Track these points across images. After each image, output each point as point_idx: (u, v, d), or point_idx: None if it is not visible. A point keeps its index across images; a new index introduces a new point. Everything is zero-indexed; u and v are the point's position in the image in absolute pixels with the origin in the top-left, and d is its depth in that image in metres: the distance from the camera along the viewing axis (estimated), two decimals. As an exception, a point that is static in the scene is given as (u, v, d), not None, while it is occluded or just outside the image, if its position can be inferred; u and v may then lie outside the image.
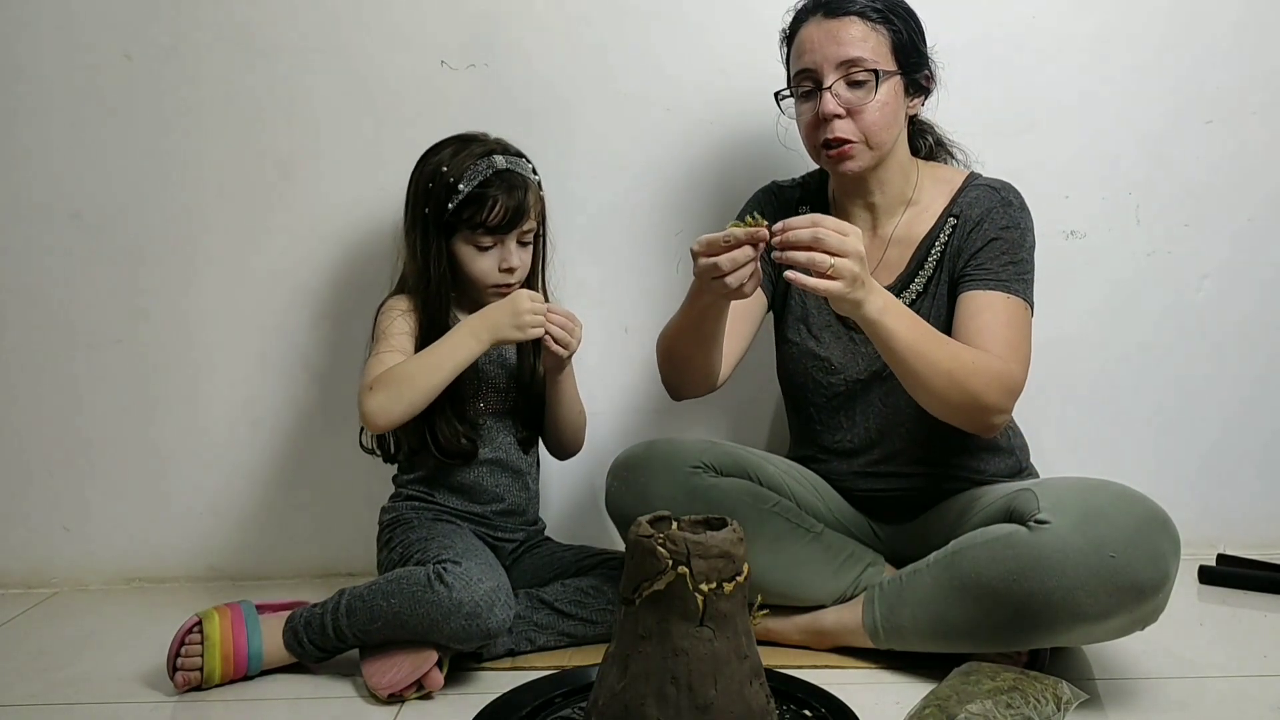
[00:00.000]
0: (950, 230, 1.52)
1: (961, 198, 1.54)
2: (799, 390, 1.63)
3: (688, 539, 1.05)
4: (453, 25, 1.86)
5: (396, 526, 1.60)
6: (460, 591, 1.39)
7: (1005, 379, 1.39)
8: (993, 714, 1.19)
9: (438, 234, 1.58)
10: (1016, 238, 1.49)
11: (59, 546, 1.95)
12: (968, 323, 1.44)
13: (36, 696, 1.47)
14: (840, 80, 1.46)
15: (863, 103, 1.46)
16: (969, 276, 1.48)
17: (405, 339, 1.58)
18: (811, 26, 1.49)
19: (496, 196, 1.55)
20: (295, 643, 1.47)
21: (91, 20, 1.85)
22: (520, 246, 1.60)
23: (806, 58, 1.48)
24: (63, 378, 1.92)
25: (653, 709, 1.04)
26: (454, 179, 1.55)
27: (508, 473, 1.66)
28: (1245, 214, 1.88)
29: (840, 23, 1.47)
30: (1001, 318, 1.44)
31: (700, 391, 1.55)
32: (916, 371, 1.36)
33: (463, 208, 1.55)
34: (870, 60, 1.46)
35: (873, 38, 1.47)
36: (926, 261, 1.53)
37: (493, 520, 1.64)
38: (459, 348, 1.51)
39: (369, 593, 1.44)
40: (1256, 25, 1.84)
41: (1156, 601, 1.29)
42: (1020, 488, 1.41)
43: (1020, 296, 1.46)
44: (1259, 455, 1.92)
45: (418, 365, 1.52)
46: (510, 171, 1.57)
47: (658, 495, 1.43)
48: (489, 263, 1.59)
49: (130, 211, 1.89)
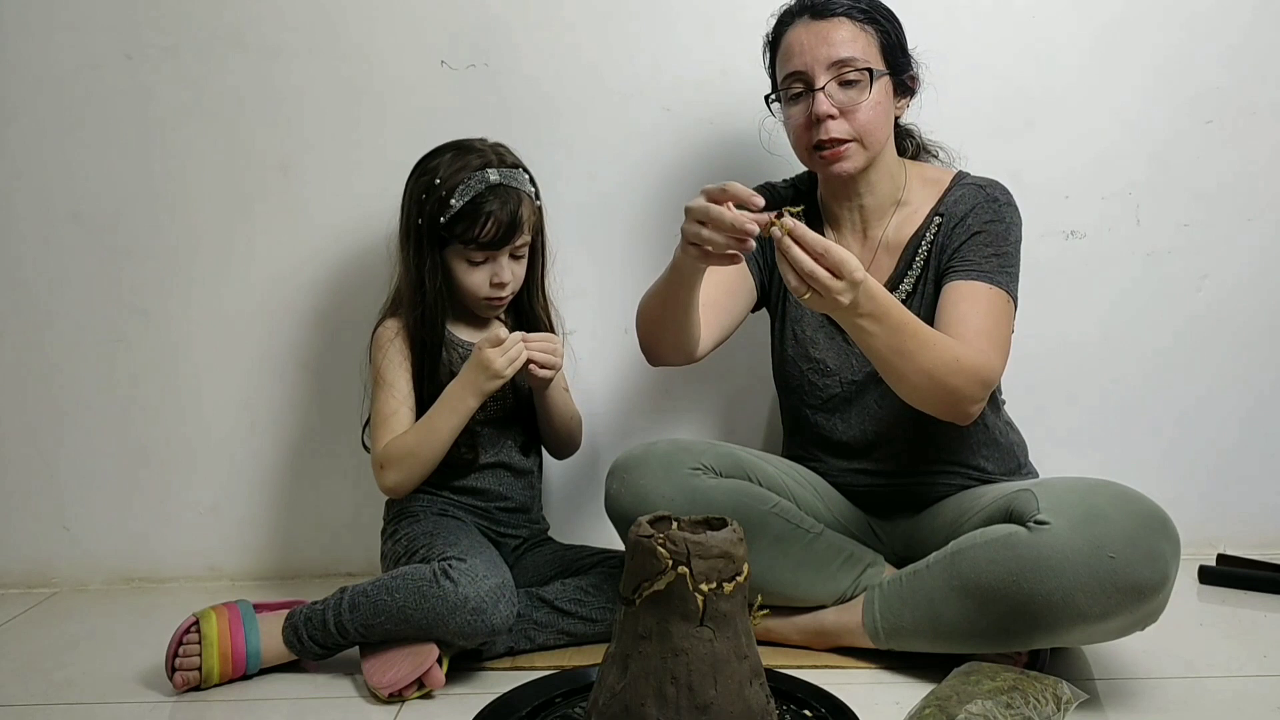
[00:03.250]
0: (936, 229, 1.52)
1: (948, 196, 1.54)
2: (795, 392, 1.63)
3: (688, 539, 1.05)
4: (453, 25, 1.86)
5: (402, 519, 1.61)
6: (465, 588, 1.39)
7: (984, 372, 1.38)
8: (993, 714, 1.19)
9: (431, 247, 1.58)
10: (1001, 231, 1.49)
11: (59, 546, 1.95)
12: (948, 311, 1.44)
13: (36, 696, 1.47)
14: (832, 81, 1.46)
15: (856, 103, 1.46)
16: (953, 268, 1.48)
17: (402, 378, 1.60)
18: (799, 29, 1.49)
19: (489, 213, 1.55)
20: (295, 639, 1.47)
21: (91, 20, 1.85)
22: (513, 260, 1.61)
23: (796, 60, 1.48)
24: (63, 377, 1.92)
25: (653, 709, 1.04)
26: (447, 193, 1.55)
27: (511, 473, 1.67)
28: (1245, 214, 1.88)
29: (829, 24, 1.47)
30: (981, 307, 1.43)
31: (677, 359, 1.54)
32: (896, 369, 1.35)
33: (455, 222, 1.56)
34: (862, 59, 1.46)
35: (862, 38, 1.48)
36: (914, 261, 1.54)
37: (497, 516, 1.65)
38: (452, 413, 1.54)
39: (373, 588, 1.44)
40: (1257, 25, 1.84)
41: (1156, 602, 1.29)
42: (1020, 488, 1.41)
43: (1002, 288, 1.46)
44: (1259, 455, 1.92)
45: (418, 437, 1.56)
46: (504, 186, 1.56)
47: (657, 496, 1.43)
48: (480, 277, 1.59)
49: (130, 211, 1.89)
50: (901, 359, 1.34)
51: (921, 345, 1.35)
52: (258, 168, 1.88)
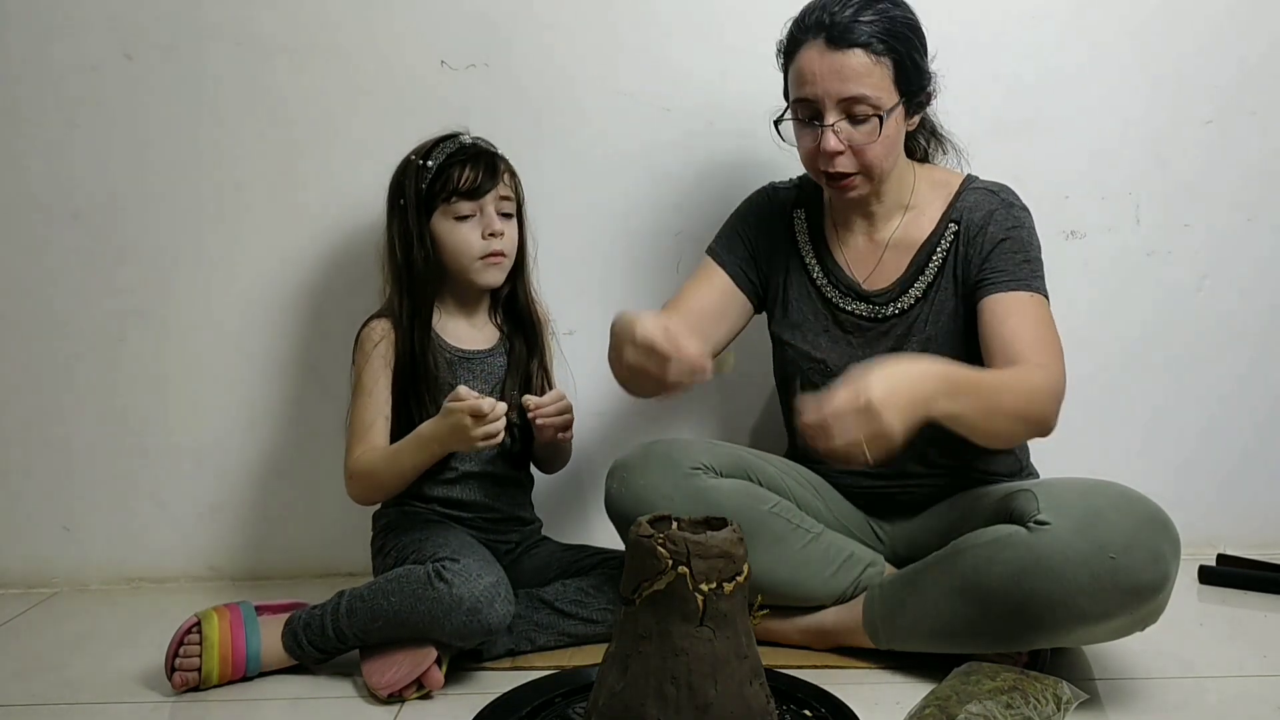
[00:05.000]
0: (952, 237, 1.51)
1: (960, 202, 1.53)
2: (795, 393, 1.62)
3: (688, 539, 1.05)
4: (453, 25, 1.86)
5: (389, 532, 1.61)
6: (460, 588, 1.39)
7: (1056, 388, 1.36)
8: (993, 714, 1.19)
9: (417, 217, 1.58)
10: (1025, 236, 1.49)
11: (59, 546, 1.95)
12: (998, 329, 1.42)
13: (36, 696, 1.47)
14: (842, 118, 1.43)
15: (866, 142, 1.44)
16: (987, 280, 1.46)
17: (382, 385, 1.59)
18: (813, 53, 1.43)
19: (465, 162, 1.58)
20: (295, 645, 1.46)
21: (91, 20, 1.85)
22: (503, 218, 1.60)
23: (808, 88, 1.44)
24: (63, 377, 1.92)
25: (653, 709, 1.04)
26: (423, 160, 1.59)
27: (495, 483, 1.65)
28: (1245, 214, 1.88)
29: (844, 55, 1.41)
30: (1030, 317, 1.43)
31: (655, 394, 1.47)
32: (989, 429, 1.32)
33: (434, 182, 1.57)
34: (873, 97, 1.41)
35: (876, 72, 1.42)
36: (927, 267, 1.52)
37: (483, 525, 1.64)
38: (420, 451, 1.51)
39: (369, 593, 1.44)
40: (1257, 25, 1.84)
41: (1157, 603, 1.30)
42: (1020, 488, 1.41)
43: (1040, 292, 1.46)
44: (1259, 454, 1.92)
45: (384, 462, 1.54)
46: (477, 145, 1.61)
47: (657, 496, 1.43)
48: (472, 233, 1.58)
49: (130, 211, 1.89)
50: (990, 418, 1.31)
51: (997, 395, 1.31)
52: (258, 168, 1.88)
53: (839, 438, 1.18)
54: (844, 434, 1.18)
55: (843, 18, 1.41)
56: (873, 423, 1.17)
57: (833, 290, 1.57)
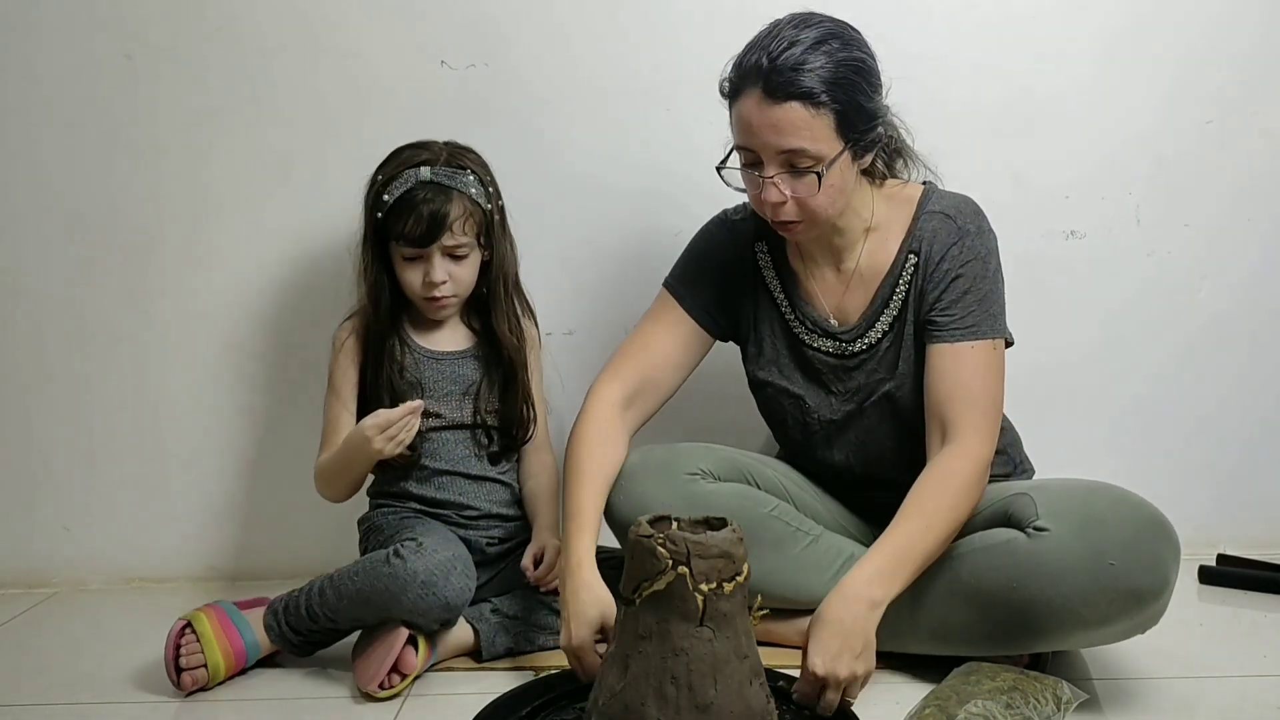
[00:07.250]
0: (912, 269, 1.46)
1: (919, 229, 1.46)
2: (779, 425, 1.61)
3: (688, 539, 1.05)
4: (453, 25, 1.85)
5: (371, 534, 1.63)
6: (414, 563, 1.40)
7: (981, 462, 1.37)
8: (993, 714, 1.19)
9: (378, 243, 1.59)
10: (978, 270, 1.43)
11: (59, 546, 1.95)
12: (937, 384, 1.41)
13: (36, 696, 1.47)
14: (782, 172, 1.36)
15: (808, 194, 1.37)
16: (935, 325, 1.43)
17: (348, 385, 1.62)
18: (750, 102, 1.35)
19: (414, 209, 1.54)
20: (275, 624, 1.49)
21: (91, 20, 1.85)
22: (450, 260, 1.57)
23: (746, 137, 1.37)
24: (63, 377, 1.92)
25: (653, 709, 1.04)
26: (382, 188, 1.57)
27: (471, 481, 1.64)
28: (1245, 214, 1.88)
29: (781, 109, 1.32)
30: (969, 372, 1.40)
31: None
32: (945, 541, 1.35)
33: (388, 217, 1.56)
34: (813, 150, 1.33)
35: (815, 124, 1.33)
36: (891, 301, 1.48)
37: (461, 522, 1.63)
38: (353, 462, 1.55)
39: (338, 574, 1.48)
40: (1257, 25, 1.84)
41: (1156, 607, 1.29)
42: (1017, 491, 1.40)
43: (989, 336, 1.41)
44: (1259, 454, 1.92)
45: (332, 469, 1.58)
46: (435, 184, 1.55)
47: (656, 503, 1.41)
48: (415, 275, 1.58)
49: (130, 211, 1.89)
50: (939, 544, 1.34)
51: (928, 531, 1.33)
52: (259, 168, 1.88)
53: (839, 698, 1.25)
54: (843, 698, 1.25)
55: (783, 63, 1.32)
56: (863, 676, 1.26)
57: (800, 327, 1.54)
